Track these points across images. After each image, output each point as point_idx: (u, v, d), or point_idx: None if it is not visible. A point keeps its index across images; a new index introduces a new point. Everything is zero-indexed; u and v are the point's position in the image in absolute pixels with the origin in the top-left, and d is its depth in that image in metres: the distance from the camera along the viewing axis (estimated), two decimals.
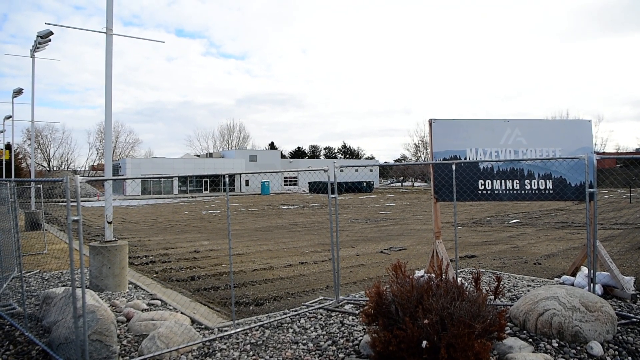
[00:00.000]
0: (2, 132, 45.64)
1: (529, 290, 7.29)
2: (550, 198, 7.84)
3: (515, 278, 8.81)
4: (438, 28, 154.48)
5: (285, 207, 35.18)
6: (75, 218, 4.53)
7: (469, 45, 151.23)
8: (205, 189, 67.31)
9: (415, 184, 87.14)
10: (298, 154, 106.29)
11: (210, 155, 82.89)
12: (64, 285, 8.75)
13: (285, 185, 75.82)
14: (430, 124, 8.23)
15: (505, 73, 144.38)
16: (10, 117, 33.65)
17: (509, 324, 5.74)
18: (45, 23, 21.05)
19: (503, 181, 7.87)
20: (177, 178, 64.53)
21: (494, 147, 8.06)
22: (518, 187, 7.83)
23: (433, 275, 5.32)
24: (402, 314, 4.53)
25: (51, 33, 19.20)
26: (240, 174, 6.49)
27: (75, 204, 4.61)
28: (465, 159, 8.09)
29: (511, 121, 8.12)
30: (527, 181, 7.81)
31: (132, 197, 55.67)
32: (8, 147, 51.33)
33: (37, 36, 19.46)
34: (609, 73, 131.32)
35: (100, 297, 7.02)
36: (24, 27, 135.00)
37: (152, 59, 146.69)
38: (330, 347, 5.35)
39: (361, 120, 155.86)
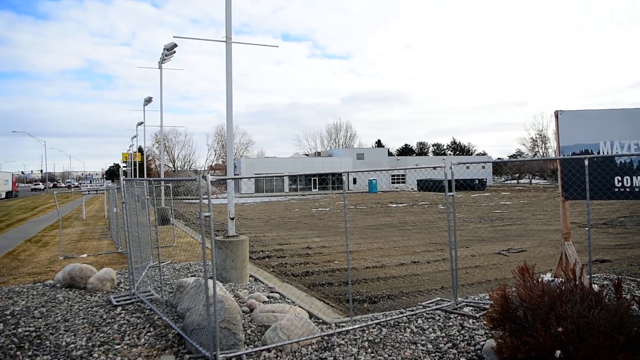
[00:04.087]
0: (135, 137, 50.94)
1: None
2: None
3: None
4: (554, 12, 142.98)
5: (393, 205, 34.87)
6: (207, 214, 4.88)
7: (589, 29, 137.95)
8: (314, 187, 69.01)
9: (533, 181, 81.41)
10: (405, 151, 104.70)
11: (319, 154, 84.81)
12: (193, 276, 9.49)
13: (392, 183, 75.16)
14: (556, 116, 7.62)
15: (632, 58, 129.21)
16: (142, 123, 37.42)
17: None
18: (174, 37, 23.02)
19: None
20: (287, 176, 67.09)
21: (634, 139, 7.23)
22: None
23: (561, 280, 4.92)
24: (532, 320, 4.24)
25: (175, 45, 20.94)
26: (355, 172, 6.53)
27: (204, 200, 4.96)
28: (598, 153, 7.36)
29: None
30: None
31: (247, 195, 58.88)
32: (140, 150, 57.20)
33: (164, 49, 21.34)
34: None
35: (225, 288, 7.49)
36: (150, 42, 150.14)
37: (261, 64, 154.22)
38: (451, 349, 5.18)
39: (470, 115, 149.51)
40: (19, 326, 6.44)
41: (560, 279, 5.03)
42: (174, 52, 21.67)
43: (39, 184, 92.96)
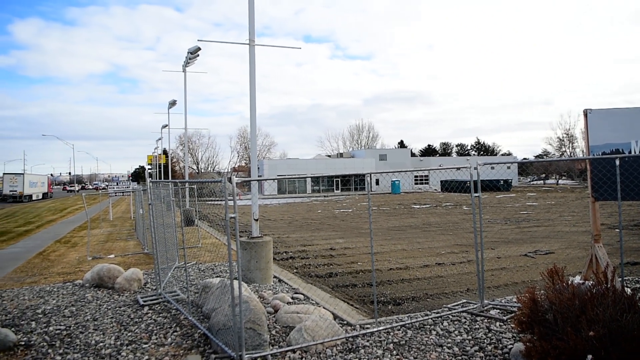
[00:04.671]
0: (159, 139, 51.75)
1: None
2: None
3: None
4: (581, 6, 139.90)
5: (417, 207, 34.59)
6: (233, 215, 4.92)
7: (617, 23, 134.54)
8: (337, 188, 68.97)
9: (560, 181, 79.70)
10: (428, 151, 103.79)
11: (341, 155, 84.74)
12: (217, 276, 9.58)
13: (415, 184, 74.57)
14: (585, 115, 7.44)
15: None
16: (166, 126, 37.97)
17: None
18: (198, 40, 23.27)
19: None
20: (310, 178, 67.22)
21: None
22: None
23: (592, 283, 4.80)
24: (562, 324, 4.15)
25: (199, 48, 21.14)
26: (378, 173, 6.51)
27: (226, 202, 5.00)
28: (630, 152, 7.16)
29: None
30: None
31: (270, 196, 59.21)
32: (165, 152, 58.09)
33: (188, 52, 21.57)
34: None
35: (250, 289, 7.54)
36: (173, 46, 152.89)
37: (282, 65, 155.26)
38: (477, 353, 5.10)
39: (495, 115, 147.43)
40: (50, 324, 6.60)
41: (591, 282, 4.90)
42: (198, 55, 21.89)
43: (73, 186, 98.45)
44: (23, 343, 5.89)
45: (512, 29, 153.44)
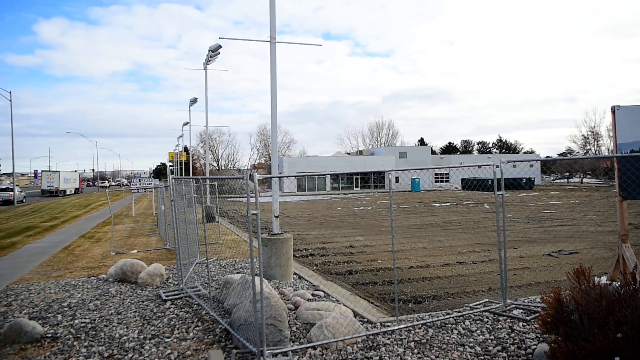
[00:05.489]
0: (181, 136, 52.36)
1: None
2: None
3: None
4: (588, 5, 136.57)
5: (437, 205, 34.30)
6: (254, 212, 4.94)
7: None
8: (356, 186, 68.81)
9: (584, 180, 78.05)
10: (449, 149, 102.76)
11: (361, 152, 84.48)
12: (238, 272, 9.65)
13: (436, 182, 73.94)
14: (613, 112, 7.26)
15: None
16: (187, 123, 38.39)
17: None
18: (219, 38, 23.42)
19: None
20: (330, 175, 67.06)
21: None
22: None
23: (618, 283, 4.69)
24: (588, 325, 4.06)
25: (220, 46, 21.27)
26: (398, 170, 6.46)
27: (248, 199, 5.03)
28: None
29: None
30: None
31: (289, 193, 59.37)
32: (186, 149, 58.77)
33: (209, 50, 21.72)
34: None
35: (270, 286, 7.57)
36: (194, 44, 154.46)
37: (302, 63, 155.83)
38: (500, 353, 5.04)
39: (517, 112, 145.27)
40: (75, 318, 6.75)
41: (618, 283, 4.79)
42: (219, 53, 22.04)
43: (104, 182, 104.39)
44: (50, 335, 6.02)
45: (533, 25, 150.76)
